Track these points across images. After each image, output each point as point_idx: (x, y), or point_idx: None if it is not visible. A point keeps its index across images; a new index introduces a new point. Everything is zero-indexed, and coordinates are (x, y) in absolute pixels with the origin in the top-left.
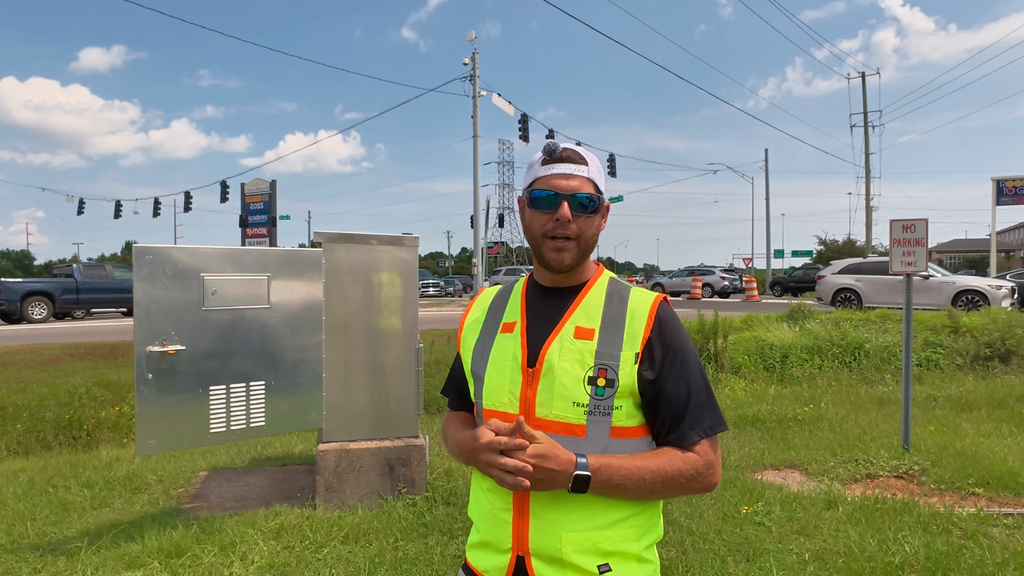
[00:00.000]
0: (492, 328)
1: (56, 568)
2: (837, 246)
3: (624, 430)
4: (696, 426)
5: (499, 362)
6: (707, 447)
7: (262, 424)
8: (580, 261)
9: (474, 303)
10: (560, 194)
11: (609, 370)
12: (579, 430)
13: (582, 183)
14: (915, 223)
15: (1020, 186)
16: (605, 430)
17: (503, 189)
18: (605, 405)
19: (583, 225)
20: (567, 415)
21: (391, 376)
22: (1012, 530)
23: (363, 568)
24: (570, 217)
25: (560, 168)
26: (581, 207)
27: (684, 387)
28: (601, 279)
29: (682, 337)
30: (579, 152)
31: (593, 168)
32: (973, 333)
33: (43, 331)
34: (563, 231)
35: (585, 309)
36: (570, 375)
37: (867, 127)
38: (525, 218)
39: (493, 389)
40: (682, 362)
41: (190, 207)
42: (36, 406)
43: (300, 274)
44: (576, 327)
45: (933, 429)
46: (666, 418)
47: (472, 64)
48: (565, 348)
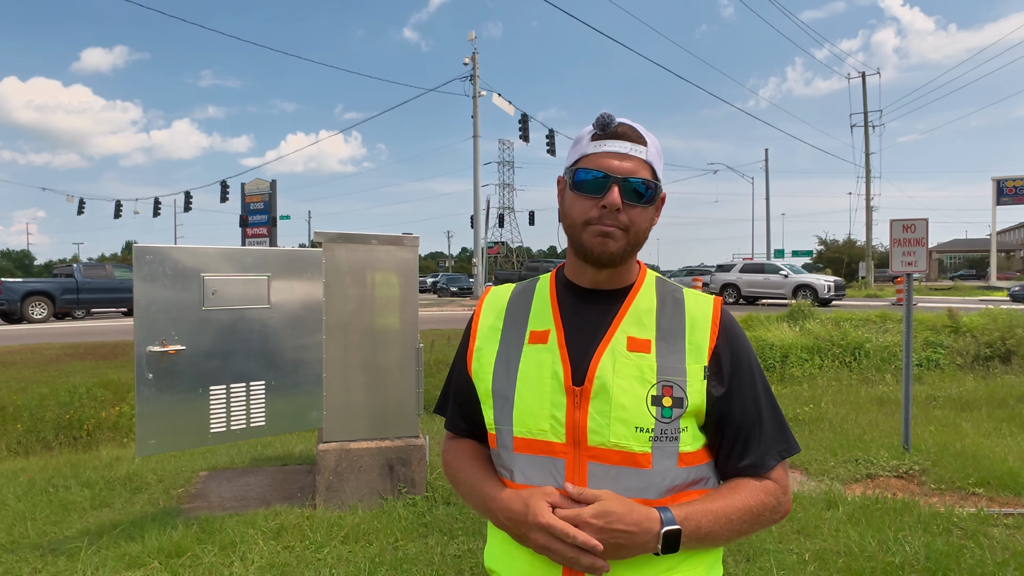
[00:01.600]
0: (516, 337)
1: (56, 568)
2: (837, 246)
3: (691, 456)
4: (772, 449)
5: (533, 380)
6: (782, 472)
7: (262, 424)
8: (628, 256)
9: (483, 306)
10: (611, 176)
11: (675, 387)
12: (644, 460)
13: (638, 166)
14: (915, 223)
15: (1020, 186)
16: (672, 458)
17: (503, 189)
18: (672, 428)
19: (635, 217)
20: (629, 443)
21: (391, 376)
22: (1012, 530)
23: (363, 568)
24: (619, 204)
25: (613, 146)
26: (635, 194)
27: (754, 404)
28: (648, 280)
29: (747, 346)
30: (637, 130)
31: (652, 150)
32: (973, 333)
33: (43, 331)
34: (610, 222)
35: (636, 315)
36: (630, 395)
37: (867, 127)
38: (564, 202)
39: (529, 413)
40: (750, 375)
41: (190, 207)
42: (36, 406)
43: (300, 274)
44: (628, 337)
45: (933, 429)
46: (736, 440)
47: (472, 64)
48: (620, 362)
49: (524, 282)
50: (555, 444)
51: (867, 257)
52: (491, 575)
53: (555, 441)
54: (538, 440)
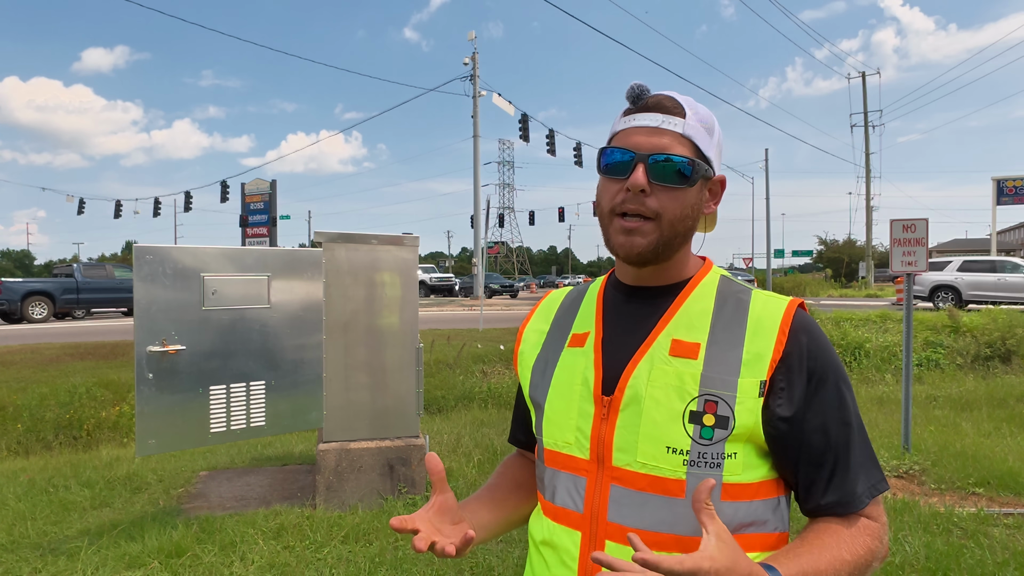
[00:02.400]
0: (558, 341)
1: (56, 568)
2: (837, 246)
3: (741, 490)
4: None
5: (564, 386)
6: (880, 509)
7: (262, 424)
8: (664, 251)
9: (537, 308)
10: (636, 154)
11: (721, 403)
12: (676, 488)
13: (671, 141)
14: (915, 223)
15: (1020, 186)
16: (715, 490)
17: (503, 189)
18: (713, 453)
19: (667, 202)
20: (659, 465)
21: (391, 376)
22: (1012, 530)
23: (363, 568)
24: (644, 186)
25: (644, 119)
26: (664, 174)
27: (842, 428)
28: (710, 277)
29: (831, 357)
30: (675, 99)
31: (693, 122)
32: (973, 333)
33: (43, 331)
34: (634, 206)
35: (686, 316)
36: (664, 408)
37: (867, 127)
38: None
39: (555, 423)
40: (836, 393)
41: (190, 207)
42: (36, 406)
43: (300, 274)
44: (673, 340)
45: (933, 429)
46: (819, 473)
47: (472, 64)
48: (657, 370)
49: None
50: (579, 460)
51: (867, 257)
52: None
53: (579, 456)
54: (563, 454)
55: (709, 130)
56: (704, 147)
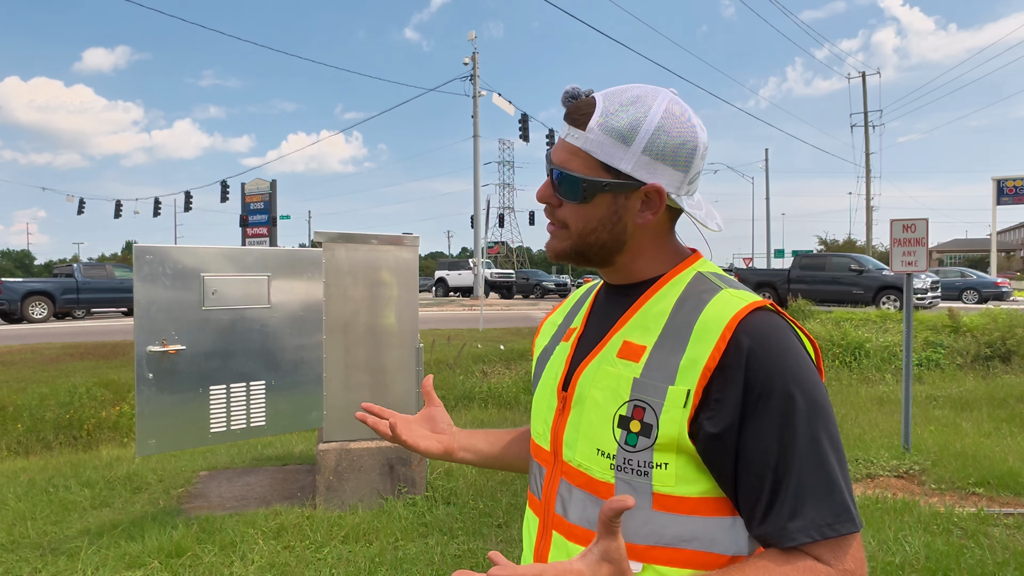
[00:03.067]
0: (559, 334)
1: (57, 568)
2: (837, 246)
3: (674, 501)
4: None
5: (546, 378)
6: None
7: (262, 424)
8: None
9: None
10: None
11: (648, 410)
12: (605, 490)
13: (568, 156)
14: (915, 223)
15: (1020, 186)
16: (645, 497)
17: (503, 189)
18: (639, 460)
19: (568, 215)
20: (591, 466)
21: (391, 376)
22: (1012, 530)
23: (363, 568)
24: (549, 198)
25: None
26: (563, 189)
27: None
28: (683, 275)
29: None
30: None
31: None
32: (973, 333)
33: (43, 331)
34: (548, 215)
35: (644, 317)
36: (600, 410)
37: (867, 127)
38: None
39: (535, 413)
40: (781, 411)
41: (190, 207)
42: (36, 406)
43: (300, 274)
44: (624, 341)
45: (933, 429)
46: (751, 500)
47: (472, 64)
48: (602, 371)
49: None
50: (543, 450)
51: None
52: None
53: (543, 447)
54: (535, 443)
55: (625, 137)
56: (610, 159)
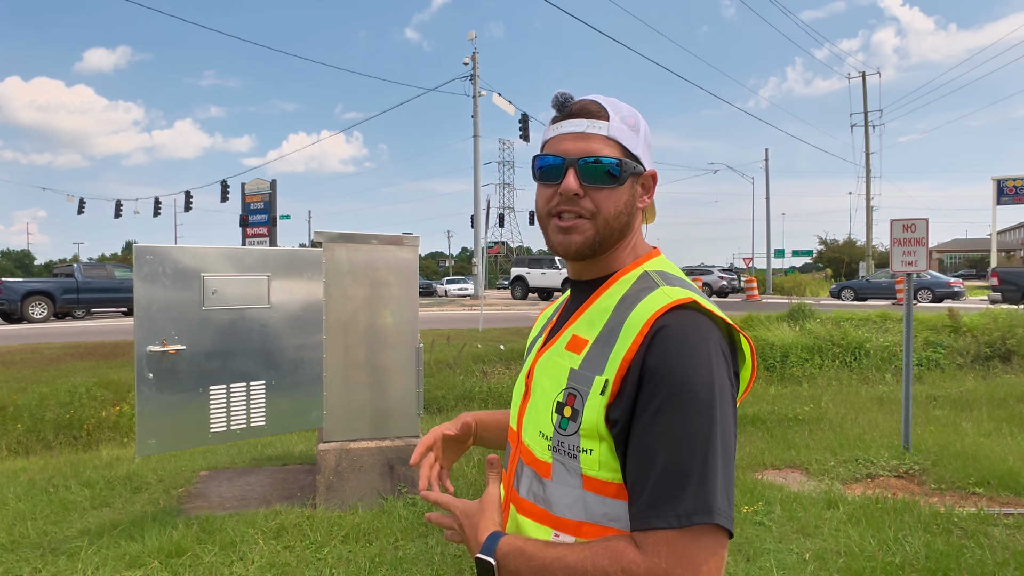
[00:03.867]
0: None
1: (57, 567)
2: (838, 246)
3: (600, 484)
4: (660, 506)
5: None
6: (664, 546)
7: (262, 424)
8: (601, 247)
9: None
10: (566, 160)
11: (578, 397)
12: (545, 469)
13: (600, 144)
14: (915, 223)
15: (1020, 186)
16: (576, 477)
17: (503, 189)
18: (569, 444)
19: (600, 200)
20: (533, 445)
21: (391, 376)
22: (1013, 530)
23: (364, 568)
24: (576, 190)
25: (570, 125)
26: (595, 175)
27: (658, 441)
28: (632, 273)
29: (678, 365)
30: (598, 103)
31: (617, 123)
32: (974, 333)
33: (43, 331)
34: (571, 208)
35: (591, 313)
36: (545, 396)
37: (867, 127)
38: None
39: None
40: (665, 403)
41: (190, 207)
42: (36, 406)
43: (300, 274)
44: (573, 335)
45: (933, 429)
46: (630, 484)
47: (472, 64)
48: (551, 361)
49: None
50: (512, 431)
51: (867, 257)
52: None
53: (512, 428)
54: (510, 425)
55: (634, 128)
56: (631, 146)
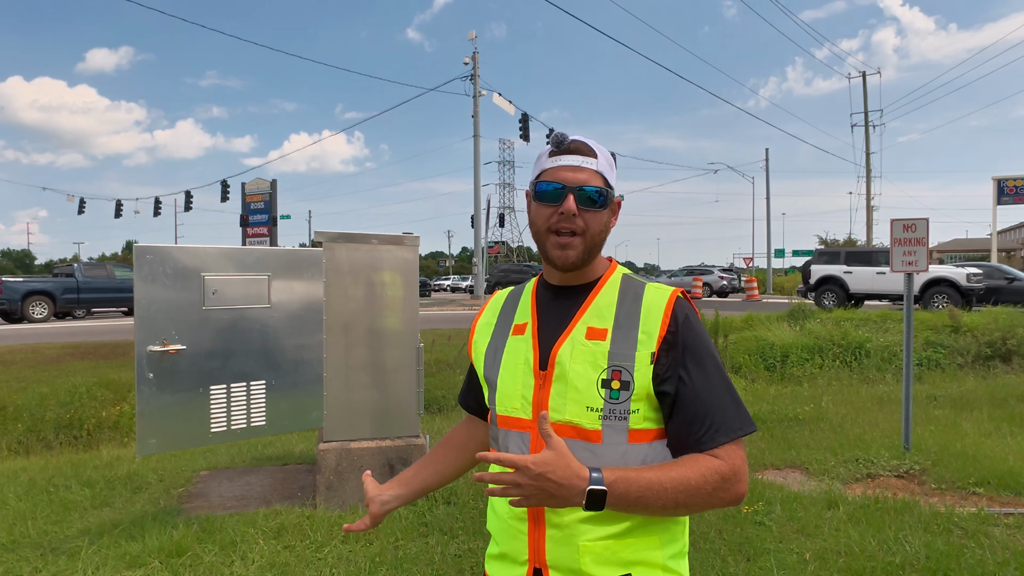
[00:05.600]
0: (503, 331)
1: (57, 567)
2: (838, 245)
3: (643, 433)
4: (719, 427)
5: (511, 366)
6: (732, 451)
7: (263, 424)
8: (588, 258)
9: (486, 306)
10: (567, 187)
11: (624, 371)
12: (594, 436)
13: (590, 176)
14: (916, 222)
15: (1021, 186)
16: (623, 435)
17: (504, 189)
18: (621, 409)
19: (590, 220)
20: (581, 420)
21: (392, 375)
22: (1013, 530)
23: (364, 568)
24: (575, 211)
25: (568, 160)
26: (589, 201)
27: (704, 387)
28: (614, 276)
29: (700, 334)
30: (588, 144)
31: (603, 161)
32: (974, 332)
33: (44, 331)
34: (568, 225)
35: (596, 308)
36: (583, 378)
37: (868, 126)
38: (531, 212)
39: (506, 394)
40: (699, 360)
41: (191, 207)
42: (37, 406)
43: (301, 274)
44: (588, 327)
45: (934, 429)
46: (685, 421)
47: (473, 64)
48: (577, 349)
49: (519, 285)
50: (524, 420)
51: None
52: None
53: (524, 417)
54: (512, 416)
55: (611, 166)
56: (610, 179)
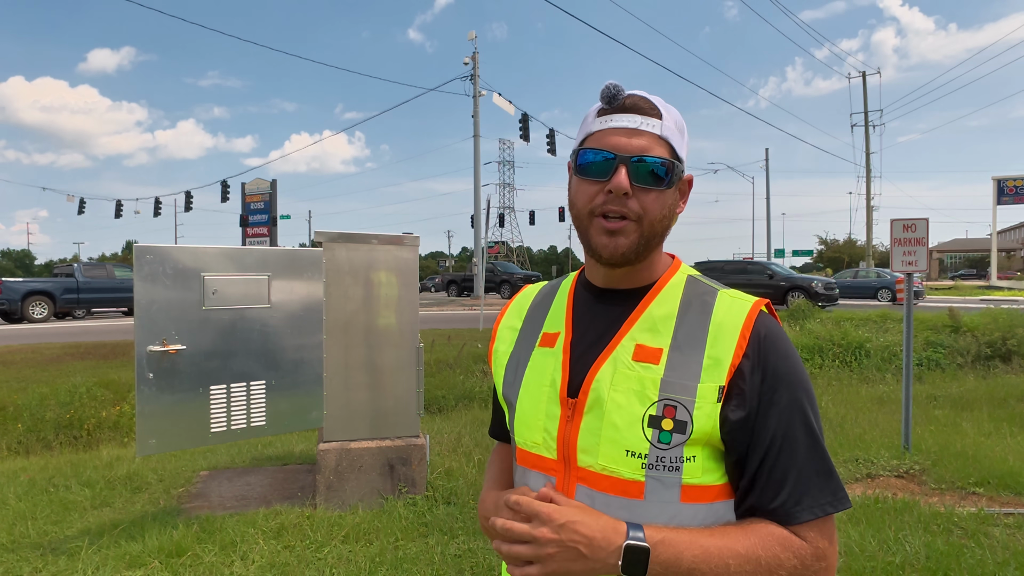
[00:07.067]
0: (529, 339)
1: (57, 567)
2: (838, 245)
3: (701, 491)
4: (803, 496)
5: (534, 386)
6: (820, 530)
7: (263, 424)
8: (643, 252)
9: (510, 305)
10: (618, 156)
11: (680, 408)
12: (635, 490)
13: (651, 143)
14: (915, 222)
15: (1020, 186)
16: (674, 491)
17: (503, 188)
18: (672, 457)
19: (649, 204)
20: (619, 468)
21: (391, 376)
22: (1013, 530)
23: (364, 568)
24: (627, 188)
25: (622, 120)
26: (649, 176)
27: (791, 437)
28: (676, 278)
29: (791, 364)
30: (651, 101)
31: (669, 124)
32: (974, 332)
33: (44, 331)
34: (617, 208)
35: (650, 320)
36: (624, 412)
37: (867, 126)
38: (571, 189)
39: (525, 423)
40: (790, 400)
41: (191, 207)
42: (37, 406)
43: (301, 274)
44: (637, 345)
45: (934, 429)
46: (761, 480)
47: (473, 64)
48: (620, 374)
49: (555, 280)
50: (547, 459)
51: (867, 257)
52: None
53: (547, 456)
54: (532, 453)
55: (681, 131)
56: (679, 148)
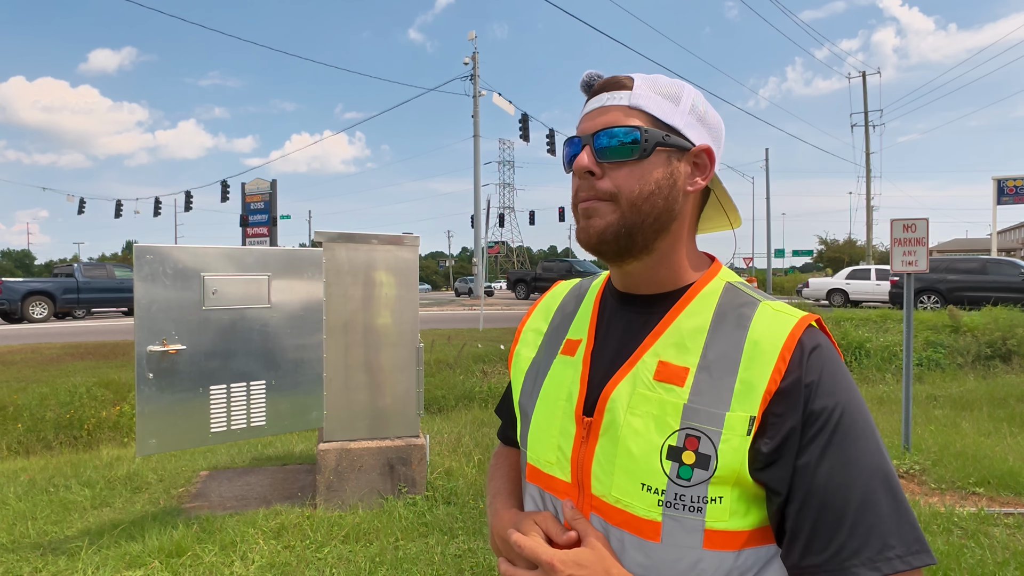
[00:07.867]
0: (553, 344)
1: (57, 567)
2: (838, 245)
3: (728, 537)
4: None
5: (551, 399)
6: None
7: (263, 424)
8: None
9: (538, 304)
10: (582, 138)
11: (704, 439)
12: (650, 530)
13: (619, 115)
14: (915, 222)
15: (1021, 186)
16: (695, 536)
17: (504, 189)
18: (693, 496)
19: (622, 180)
20: (633, 503)
21: (392, 375)
22: (1013, 529)
23: (364, 567)
24: (588, 167)
25: (592, 104)
26: (616, 150)
27: (843, 477)
28: (712, 285)
29: (841, 391)
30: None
31: (643, 91)
32: (974, 332)
33: (44, 331)
34: (585, 192)
35: (677, 334)
36: (641, 440)
37: (868, 126)
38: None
39: (539, 438)
40: (843, 435)
41: (191, 207)
42: (37, 406)
43: (301, 274)
44: (660, 362)
45: (934, 429)
46: (807, 527)
47: (473, 64)
48: (639, 395)
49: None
50: (559, 481)
51: (867, 257)
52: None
53: (560, 477)
54: (545, 472)
55: (671, 97)
56: (663, 115)
